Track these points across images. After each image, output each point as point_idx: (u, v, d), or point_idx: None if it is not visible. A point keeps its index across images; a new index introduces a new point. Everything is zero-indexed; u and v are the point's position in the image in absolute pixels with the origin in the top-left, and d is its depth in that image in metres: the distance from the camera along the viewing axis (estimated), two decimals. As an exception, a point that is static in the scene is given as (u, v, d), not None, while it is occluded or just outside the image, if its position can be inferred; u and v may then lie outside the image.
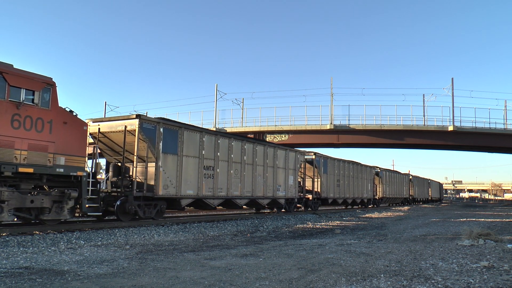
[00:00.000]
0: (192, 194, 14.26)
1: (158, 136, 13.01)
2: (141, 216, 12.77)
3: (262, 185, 18.26)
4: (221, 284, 5.08)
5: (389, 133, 39.98)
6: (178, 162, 13.71)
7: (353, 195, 29.24)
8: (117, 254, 7.45)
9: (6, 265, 6.20)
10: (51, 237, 9.30)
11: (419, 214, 25.47)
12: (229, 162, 16.11)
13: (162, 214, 13.85)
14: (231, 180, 16.18)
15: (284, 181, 19.98)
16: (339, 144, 41.47)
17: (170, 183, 13.36)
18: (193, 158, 14.36)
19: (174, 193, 13.52)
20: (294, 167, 20.93)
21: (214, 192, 15.27)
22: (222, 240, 10.27)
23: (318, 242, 9.88)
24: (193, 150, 14.39)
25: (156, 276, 5.53)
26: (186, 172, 13.99)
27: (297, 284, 5.14)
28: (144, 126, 12.64)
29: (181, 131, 13.95)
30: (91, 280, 5.21)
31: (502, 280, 5.44)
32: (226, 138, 16.18)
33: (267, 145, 18.97)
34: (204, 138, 14.90)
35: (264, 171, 18.39)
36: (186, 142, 14.10)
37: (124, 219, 12.50)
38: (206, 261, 6.77)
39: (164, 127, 13.31)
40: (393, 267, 6.34)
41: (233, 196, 16.32)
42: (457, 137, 39.45)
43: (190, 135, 14.33)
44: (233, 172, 16.31)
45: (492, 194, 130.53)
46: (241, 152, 16.89)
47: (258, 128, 41.14)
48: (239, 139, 17.12)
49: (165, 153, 13.24)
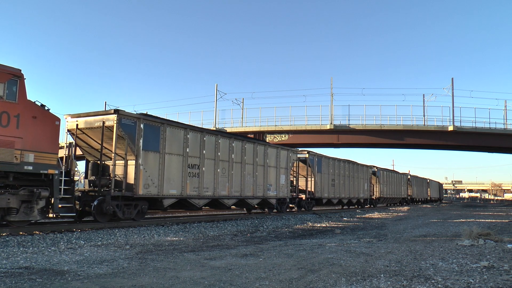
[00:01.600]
0: (175, 194, 13.59)
1: (139, 133, 12.39)
2: (120, 217, 12.15)
3: (252, 185, 17.59)
4: (221, 284, 5.08)
5: (389, 133, 39.99)
6: (160, 160, 13.09)
7: (349, 195, 28.62)
8: (117, 254, 7.45)
9: (6, 265, 6.20)
10: (51, 237, 9.30)
11: (419, 214, 25.47)
12: (216, 160, 15.46)
13: (144, 215, 13.25)
14: (218, 179, 15.53)
15: (275, 180, 19.36)
16: (339, 144, 41.49)
17: (152, 182, 12.74)
18: (176, 156, 13.69)
19: (156, 192, 12.89)
20: (286, 166, 20.32)
21: (199, 192, 14.60)
22: (222, 240, 10.27)
23: (318, 242, 9.88)
24: (176, 147, 13.73)
25: (156, 276, 5.53)
26: (169, 170, 13.36)
27: (297, 284, 5.14)
28: (123, 121, 12.00)
29: (163, 127, 13.30)
30: (91, 280, 5.21)
31: (502, 280, 5.44)
32: (212, 136, 15.50)
33: (257, 143, 18.31)
34: (188, 135, 14.23)
35: (254, 170, 17.75)
36: (169, 139, 13.45)
37: (101, 220, 11.91)
38: (206, 261, 6.77)
39: (145, 123, 12.67)
40: (393, 267, 6.34)
41: (220, 196, 15.68)
42: (457, 137, 39.46)
43: (173, 131, 13.68)
44: (220, 171, 15.68)
45: (492, 194, 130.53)
46: (229, 150, 16.24)
47: (258, 128, 41.16)
48: (226, 137, 16.43)
49: (146, 151, 12.60)
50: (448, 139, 39.77)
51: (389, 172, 39.60)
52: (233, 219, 16.41)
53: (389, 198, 38.34)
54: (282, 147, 20.26)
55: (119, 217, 12.14)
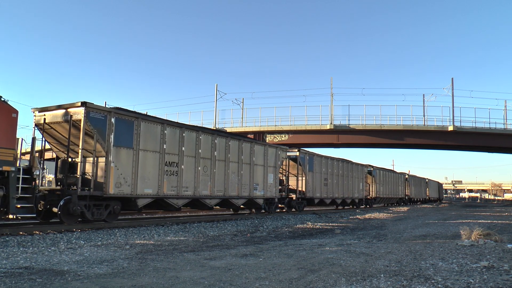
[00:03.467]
0: (151, 194, 12.75)
1: (109, 127, 11.56)
2: (89, 218, 11.34)
3: (237, 184, 16.71)
4: (221, 284, 5.08)
5: (389, 133, 40.01)
6: (134, 157, 12.25)
7: (343, 195, 27.68)
8: (117, 254, 7.45)
9: (6, 265, 6.20)
10: (51, 237, 9.31)
11: (419, 214, 25.47)
12: (197, 158, 14.58)
13: (116, 216, 12.40)
14: (199, 178, 14.64)
15: (262, 179, 18.48)
16: (339, 144, 41.53)
17: (124, 180, 11.91)
18: (152, 152, 12.86)
19: (129, 192, 12.05)
20: (274, 164, 19.42)
21: (178, 191, 13.73)
22: (222, 240, 10.27)
23: (318, 242, 9.88)
24: (152, 143, 12.90)
25: (156, 276, 5.53)
26: (143, 168, 12.52)
27: (297, 284, 5.14)
28: (92, 115, 11.19)
29: (137, 122, 12.44)
30: (91, 280, 5.21)
31: (502, 280, 5.44)
32: (193, 132, 14.59)
33: (242, 139, 17.39)
34: (166, 130, 13.36)
35: (239, 168, 16.88)
36: (144, 135, 12.62)
37: (67, 221, 10.99)
38: (206, 261, 6.77)
39: (117, 117, 11.85)
40: (393, 267, 6.34)
41: (202, 195, 14.80)
42: (457, 137, 39.49)
43: (148, 127, 12.82)
44: (202, 169, 14.79)
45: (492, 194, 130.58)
46: (211, 147, 15.38)
47: (258, 128, 41.18)
48: (208, 133, 15.47)
49: (117, 147, 11.78)
50: (448, 139, 39.79)
51: (386, 172, 38.46)
52: (233, 219, 16.41)
53: (386, 198, 37.33)
54: (270, 145, 19.52)
55: (88, 218, 11.34)
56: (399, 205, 40.71)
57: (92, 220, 11.52)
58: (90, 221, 11.53)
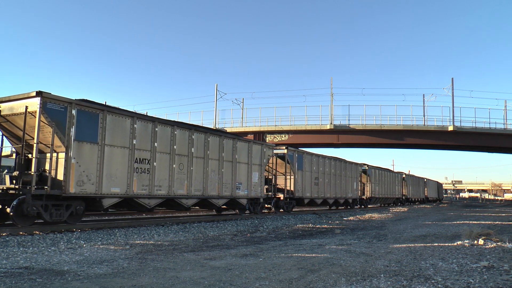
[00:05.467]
0: (118, 193, 11.82)
1: (70, 120, 10.64)
2: (47, 220, 10.44)
3: (217, 183, 15.73)
4: (221, 284, 5.08)
5: (389, 133, 40.05)
6: (99, 153, 11.33)
7: (335, 195, 26.56)
8: (117, 254, 7.45)
9: (6, 265, 6.20)
10: (51, 237, 9.31)
11: (419, 214, 25.47)
12: (172, 154, 13.66)
13: (80, 217, 11.43)
14: (174, 176, 13.69)
15: (246, 178, 17.49)
16: (339, 144, 41.59)
17: (87, 178, 10.99)
18: (120, 148, 11.95)
19: (93, 191, 11.11)
20: (260, 162, 18.41)
21: (150, 190, 12.81)
22: (222, 240, 10.27)
23: (318, 242, 9.88)
24: (120, 138, 11.99)
25: (156, 276, 5.53)
26: (110, 165, 11.59)
27: (297, 284, 5.14)
28: (49, 106, 10.30)
29: (103, 114, 11.52)
30: (91, 280, 5.21)
31: (502, 280, 5.44)
32: (167, 126, 13.65)
33: (223, 136, 16.34)
34: (136, 125, 12.46)
35: (220, 166, 15.90)
36: (111, 129, 11.72)
37: (21, 223, 10.09)
38: (206, 261, 6.77)
39: (79, 108, 10.91)
40: (393, 267, 6.34)
41: (177, 195, 13.84)
42: (457, 137, 39.53)
43: (116, 120, 11.91)
44: (177, 166, 13.86)
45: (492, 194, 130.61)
46: (188, 143, 14.41)
47: (258, 128, 41.23)
48: (185, 128, 14.43)
49: (79, 141, 10.85)
50: (448, 139, 39.84)
51: (382, 171, 37.02)
52: (233, 219, 16.41)
53: (382, 198, 36.12)
54: (255, 142, 18.47)
55: (46, 219, 10.46)
56: (396, 206, 39.74)
57: (50, 222, 10.67)
58: (48, 223, 10.68)
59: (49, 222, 10.65)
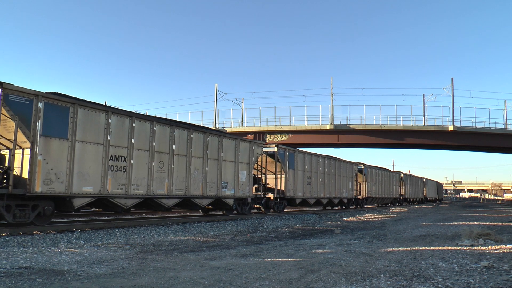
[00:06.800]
0: (91, 192, 11.06)
1: (36, 114, 9.88)
2: (9, 221, 9.65)
3: (201, 182, 14.94)
4: (221, 284, 5.08)
5: (389, 133, 40.06)
6: (70, 150, 10.56)
7: (329, 195, 25.69)
8: (117, 254, 7.45)
9: (6, 265, 6.20)
10: (51, 237, 9.31)
11: (419, 214, 25.47)
12: (151, 151, 12.92)
13: (49, 218, 10.67)
14: (154, 175, 12.98)
15: (233, 177, 16.70)
16: (339, 144, 41.60)
17: (56, 177, 10.22)
18: (93, 145, 11.22)
19: (63, 190, 10.34)
20: (248, 160, 17.61)
21: (127, 190, 12.07)
22: (222, 240, 10.27)
23: (318, 242, 9.89)
24: (94, 134, 11.25)
25: (156, 276, 5.53)
26: (82, 163, 10.83)
27: (297, 284, 5.14)
28: (11, 98, 9.52)
29: (74, 108, 10.75)
30: (91, 280, 5.21)
31: (502, 280, 5.44)
32: (146, 122, 12.89)
33: (208, 132, 15.49)
34: (111, 119, 11.70)
35: (204, 164, 15.10)
36: (83, 124, 10.96)
37: None
38: (206, 261, 6.77)
39: (47, 101, 10.17)
40: (393, 267, 6.34)
41: (157, 195, 13.10)
42: (457, 137, 39.54)
43: (88, 114, 11.14)
44: (157, 164, 13.15)
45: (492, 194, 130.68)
46: (169, 140, 13.66)
47: (258, 128, 41.25)
48: (166, 124, 13.69)
49: (47, 137, 10.10)
50: (448, 139, 39.85)
51: (378, 170, 35.98)
52: (233, 219, 16.40)
53: (379, 198, 35.29)
54: (242, 139, 17.65)
55: (8, 221, 9.67)
56: (394, 206, 39.18)
57: (14, 224, 9.98)
58: (12, 225, 10.03)
59: (13, 224, 10.00)
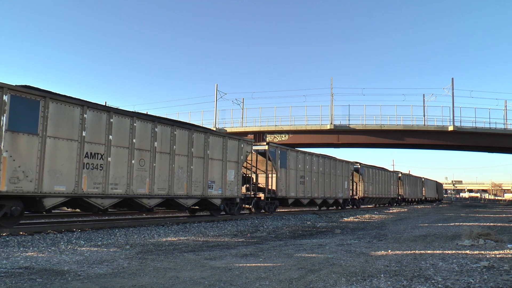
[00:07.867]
0: (64, 192, 10.37)
1: (1, 107, 9.24)
2: None
3: (185, 181, 14.23)
4: (221, 284, 5.08)
5: (389, 133, 40.08)
6: (40, 146, 9.90)
7: (324, 195, 24.91)
8: (117, 254, 7.45)
9: (6, 265, 6.20)
10: (51, 237, 9.31)
11: (419, 214, 25.48)
12: (131, 149, 12.22)
13: (17, 219, 9.97)
14: (133, 173, 12.28)
15: (220, 176, 15.97)
16: (339, 144, 41.63)
17: (24, 175, 9.58)
18: (66, 141, 10.52)
19: (32, 189, 9.70)
20: (236, 159, 16.90)
21: (104, 189, 11.37)
22: (222, 240, 10.27)
23: (318, 242, 9.88)
24: (67, 130, 10.56)
25: (156, 276, 5.53)
26: (53, 160, 10.17)
27: (297, 284, 5.13)
28: None
29: (45, 102, 10.05)
30: (91, 280, 5.21)
31: (502, 280, 5.44)
32: (125, 118, 12.17)
33: (193, 129, 14.77)
34: (86, 114, 10.98)
35: (189, 162, 14.37)
36: (55, 119, 10.28)
37: None
38: (206, 261, 6.77)
39: (13, 94, 9.44)
40: (393, 267, 6.34)
41: (137, 194, 12.41)
42: (457, 137, 39.56)
43: (61, 109, 10.43)
44: (137, 162, 12.43)
45: (492, 194, 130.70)
46: (151, 136, 12.97)
47: (258, 128, 41.27)
48: (147, 120, 13.00)
49: (14, 132, 9.42)
50: (448, 139, 39.87)
51: (376, 169, 35.18)
52: (233, 219, 16.40)
53: (376, 198, 34.54)
54: (231, 137, 16.95)
55: None
56: (392, 206, 38.64)
57: None
58: None
59: None
